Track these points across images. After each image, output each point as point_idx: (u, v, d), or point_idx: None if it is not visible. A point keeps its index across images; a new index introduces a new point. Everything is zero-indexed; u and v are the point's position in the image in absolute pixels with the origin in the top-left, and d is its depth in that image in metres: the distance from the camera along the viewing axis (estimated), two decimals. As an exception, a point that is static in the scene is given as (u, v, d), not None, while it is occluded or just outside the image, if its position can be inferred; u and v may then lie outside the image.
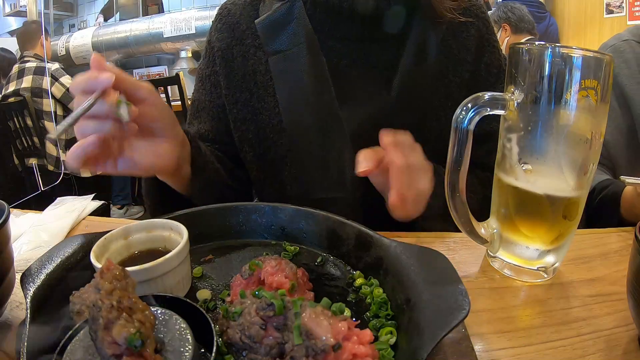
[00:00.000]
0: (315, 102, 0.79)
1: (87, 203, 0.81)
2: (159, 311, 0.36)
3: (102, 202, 0.84)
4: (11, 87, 2.83)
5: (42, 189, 2.83)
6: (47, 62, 2.90)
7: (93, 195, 0.84)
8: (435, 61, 0.81)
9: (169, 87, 3.11)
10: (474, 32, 0.84)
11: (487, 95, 0.51)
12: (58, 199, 0.84)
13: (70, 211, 0.77)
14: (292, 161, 0.82)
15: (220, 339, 0.40)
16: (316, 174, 0.81)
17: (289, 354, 0.37)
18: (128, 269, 0.45)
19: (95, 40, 4.52)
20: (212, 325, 0.37)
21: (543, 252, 0.56)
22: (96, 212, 0.81)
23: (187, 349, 0.33)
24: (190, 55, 4.25)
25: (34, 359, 0.36)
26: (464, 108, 0.51)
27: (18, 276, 0.47)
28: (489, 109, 0.51)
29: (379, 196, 0.77)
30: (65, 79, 2.86)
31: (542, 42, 0.53)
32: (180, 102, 3.13)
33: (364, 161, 0.61)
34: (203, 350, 0.37)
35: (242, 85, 0.83)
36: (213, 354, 0.35)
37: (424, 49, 0.80)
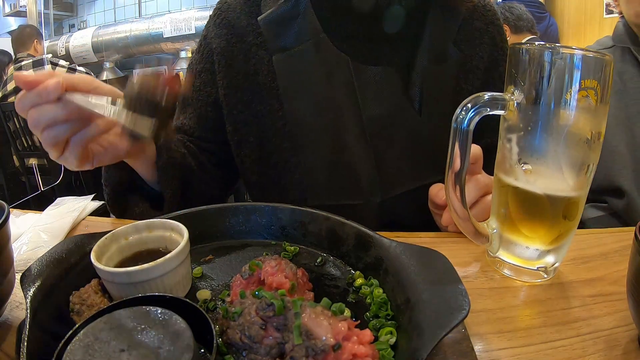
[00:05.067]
0: (324, 102, 0.75)
1: (87, 203, 0.81)
2: (158, 311, 0.36)
3: (102, 202, 0.83)
4: (10, 87, 2.83)
5: (42, 189, 2.82)
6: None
7: (93, 195, 0.84)
8: (450, 65, 0.77)
9: (168, 87, 3.11)
10: (487, 39, 0.81)
11: (487, 95, 0.51)
12: (58, 199, 0.83)
13: (70, 211, 0.77)
14: (295, 165, 0.78)
15: (220, 339, 0.40)
16: (322, 178, 0.78)
17: (289, 354, 0.37)
18: (128, 269, 0.45)
19: (95, 40, 4.52)
20: (212, 325, 0.37)
21: (543, 252, 0.56)
22: (96, 212, 0.81)
23: (187, 349, 0.33)
24: (190, 55, 4.24)
25: (34, 359, 0.36)
26: (464, 108, 0.51)
27: (18, 276, 0.47)
28: (488, 109, 0.51)
29: (400, 203, 0.75)
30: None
31: (542, 42, 0.53)
32: (180, 102, 3.14)
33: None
34: (203, 351, 0.37)
35: (243, 85, 0.79)
36: (213, 354, 0.35)
37: (439, 49, 0.76)
